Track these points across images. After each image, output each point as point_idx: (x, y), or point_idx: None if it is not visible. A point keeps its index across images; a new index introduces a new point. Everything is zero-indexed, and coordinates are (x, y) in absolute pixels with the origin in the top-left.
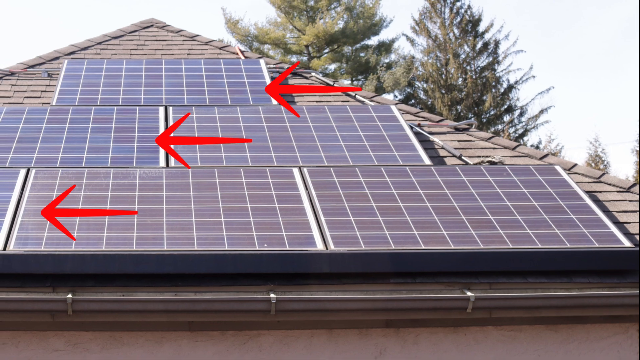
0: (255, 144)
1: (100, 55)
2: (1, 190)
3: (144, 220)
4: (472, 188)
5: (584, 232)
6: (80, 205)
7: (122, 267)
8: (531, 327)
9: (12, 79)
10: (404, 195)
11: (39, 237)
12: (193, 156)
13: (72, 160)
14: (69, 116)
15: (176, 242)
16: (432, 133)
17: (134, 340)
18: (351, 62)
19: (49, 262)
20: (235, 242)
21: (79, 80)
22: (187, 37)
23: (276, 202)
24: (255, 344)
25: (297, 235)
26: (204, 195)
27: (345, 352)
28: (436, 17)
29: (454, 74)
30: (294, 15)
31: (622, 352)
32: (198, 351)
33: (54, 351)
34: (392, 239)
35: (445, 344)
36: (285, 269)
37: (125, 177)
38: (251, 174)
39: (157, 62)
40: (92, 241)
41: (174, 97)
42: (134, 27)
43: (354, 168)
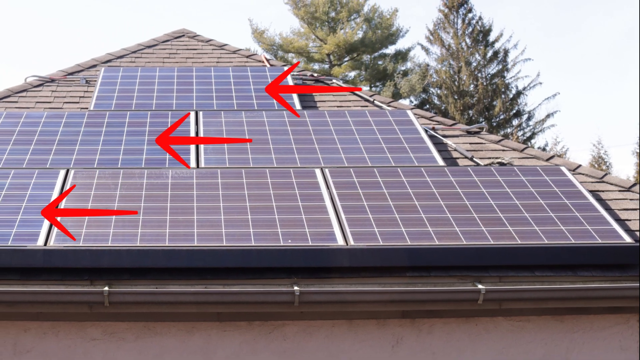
0: (279, 146)
1: (135, 63)
2: (42, 189)
3: (175, 217)
4: (483, 187)
5: (587, 229)
6: (116, 204)
7: (155, 261)
8: (538, 317)
9: (53, 86)
10: (419, 194)
11: (77, 234)
12: (222, 158)
13: (109, 161)
14: (105, 120)
15: (206, 238)
16: (446, 136)
17: (167, 330)
18: (370, 69)
19: (86, 257)
20: (261, 238)
21: (115, 87)
22: (216, 46)
23: (299, 201)
24: (280, 333)
25: (319, 232)
26: (232, 194)
27: (364, 341)
28: (449, 27)
29: (466, 80)
30: (316, 26)
31: (624, 341)
32: (226, 340)
33: (92, 340)
34: (408, 235)
35: (458, 334)
36: (308, 263)
37: (159, 177)
38: (276, 174)
39: (188, 70)
40: (127, 237)
41: (203, 103)
42: (167, 37)
43: (372, 169)
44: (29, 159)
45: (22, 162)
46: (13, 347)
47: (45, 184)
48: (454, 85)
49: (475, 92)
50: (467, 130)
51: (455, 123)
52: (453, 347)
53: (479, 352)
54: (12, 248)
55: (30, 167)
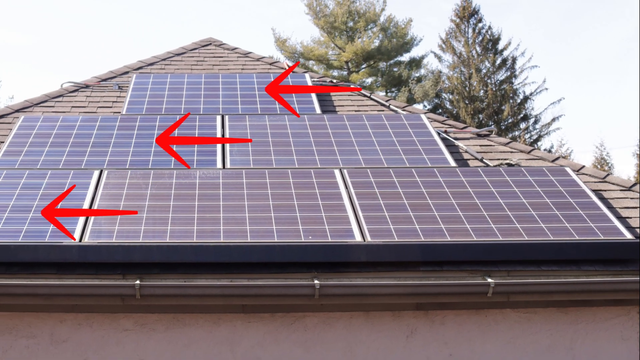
0: (300, 148)
1: (165, 70)
2: (77, 189)
3: (203, 215)
4: (492, 187)
5: (590, 226)
6: (147, 202)
7: (184, 256)
8: (544, 309)
9: (87, 91)
10: (432, 193)
11: (110, 230)
12: (246, 159)
13: (140, 162)
14: (137, 124)
15: (231, 234)
16: (457, 138)
17: (194, 321)
18: (385, 76)
19: (119, 252)
20: (283, 234)
21: (146, 92)
22: (241, 54)
23: (319, 199)
24: (301, 324)
25: (338, 229)
26: (256, 193)
27: (380, 332)
28: (460, 36)
29: (477, 86)
30: (335, 35)
31: (625, 332)
32: (251, 331)
33: (124, 331)
34: (422, 231)
35: (469, 325)
36: (327, 258)
37: (187, 178)
38: (297, 175)
39: (214, 76)
40: (158, 234)
41: (229, 107)
42: (194, 45)
43: (388, 169)
44: (65, 160)
45: (58, 163)
46: (50, 337)
47: (80, 183)
48: (465, 90)
49: (485, 97)
50: (477, 133)
51: (466, 126)
52: (464, 338)
53: (489, 342)
54: (49, 244)
55: (66, 168)
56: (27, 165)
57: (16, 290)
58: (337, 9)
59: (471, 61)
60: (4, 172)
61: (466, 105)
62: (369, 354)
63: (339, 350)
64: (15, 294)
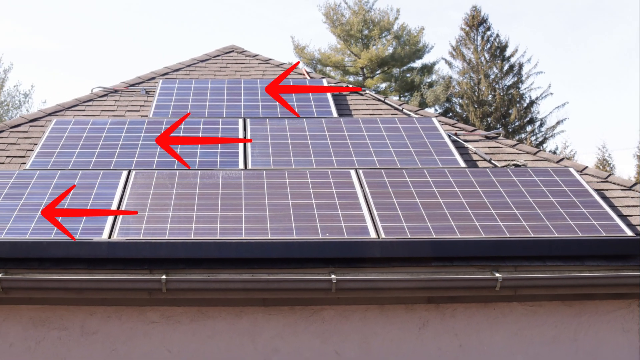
0: (318, 150)
1: (190, 75)
2: (107, 188)
3: (225, 213)
4: (500, 186)
5: (593, 224)
6: (173, 201)
7: (207, 252)
8: (549, 302)
9: (116, 96)
10: (443, 192)
11: (138, 228)
12: (267, 160)
13: (166, 163)
14: (163, 127)
15: (253, 231)
16: (467, 141)
17: (217, 313)
18: (399, 81)
19: (146, 249)
20: (302, 231)
21: (172, 97)
22: (262, 60)
23: (336, 199)
24: (319, 317)
25: (354, 226)
26: (276, 192)
27: (394, 324)
28: (470, 44)
29: (485, 91)
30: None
31: (626, 324)
32: (271, 323)
33: (151, 323)
34: (433, 229)
35: (478, 317)
36: (344, 254)
37: (210, 178)
38: (315, 175)
39: (236, 82)
40: (183, 231)
41: (251, 111)
42: (218, 52)
43: (401, 170)
44: (95, 161)
45: (88, 164)
46: (81, 329)
47: (109, 183)
48: (474, 95)
49: (493, 101)
50: (486, 135)
51: (475, 129)
52: (473, 329)
53: (497, 333)
54: (80, 241)
55: (96, 169)
56: (59, 166)
57: (49, 284)
58: (353, 18)
59: (480, 67)
60: (37, 172)
61: (475, 109)
62: (383, 344)
63: (354, 342)
64: (48, 288)
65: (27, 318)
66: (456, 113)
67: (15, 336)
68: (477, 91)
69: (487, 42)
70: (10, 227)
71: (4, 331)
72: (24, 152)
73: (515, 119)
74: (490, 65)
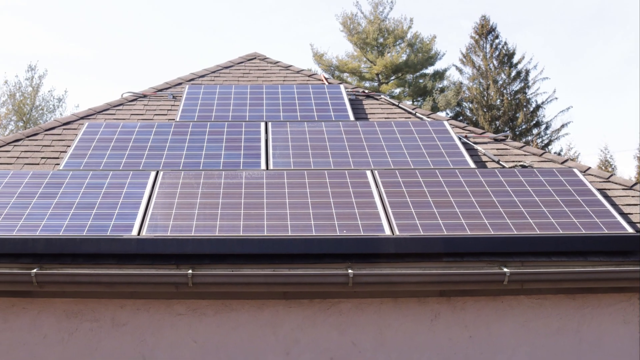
0: (336, 151)
1: (214, 81)
2: (136, 188)
3: (248, 211)
4: (508, 186)
5: (596, 221)
6: (198, 200)
7: (231, 248)
8: (554, 296)
9: (145, 100)
10: (454, 191)
11: (165, 225)
12: (287, 161)
13: (192, 164)
14: (189, 129)
15: (274, 229)
16: (476, 143)
17: (241, 306)
18: (412, 86)
19: (173, 245)
20: (320, 229)
21: (198, 101)
22: (283, 67)
23: (353, 197)
24: (337, 309)
25: (370, 224)
26: (296, 192)
27: (407, 316)
28: (479, 51)
29: (494, 96)
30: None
31: (626, 316)
32: (291, 315)
33: (178, 315)
34: (445, 226)
35: (487, 310)
36: (360, 250)
37: (234, 178)
38: (333, 175)
39: (258, 87)
40: (208, 228)
41: (272, 115)
42: (241, 59)
43: (414, 170)
44: (125, 162)
45: (119, 165)
46: (111, 321)
47: (138, 183)
48: (483, 100)
49: (501, 106)
50: (494, 138)
51: (484, 132)
52: (482, 321)
53: (505, 325)
54: (111, 237)
55: (125, 169)
56: (91, 167)
57: (81, 278)
58: (369, 26)
59: (489, 73)
60: (70, 172)
61: (484, 113)
62: (397, 335)
63: (370, 333)
64: (81, 282)
65: (60, 310)
66: (466, 117)
67: (49, 328)
68: (486, 96)
69: (495, 49)
70: (45, 224)
71: (38, 323)
72: (57, 154)
73: (522, 123)
74: (498, 72)
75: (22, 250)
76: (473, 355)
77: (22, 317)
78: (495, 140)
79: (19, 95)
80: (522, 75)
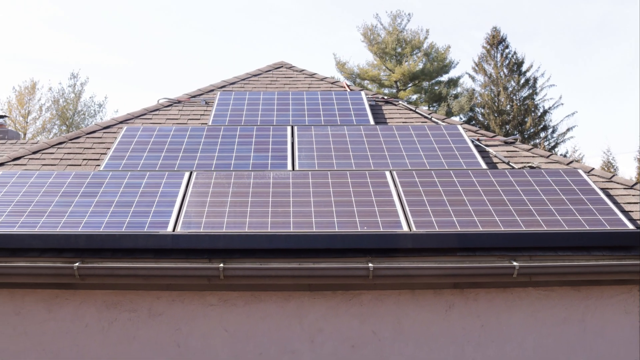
0: (357, 153)
1: (244, 88)
2: (171, 187)
3: (275, 209)
4: (517, 186)
5: (599, 218)
6: (229, 198)
7: (260, 244)
8: (560, 287)
9: (179, 106)
10: (467, 190)
11: (198, 222)
12: (312, 163)
13: (223, 165)
14: (221, 133)
15: (299, 225)
16: (488, 145)
17: (269, 297)
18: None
19: (206, 241)
20: (343, 225)
21: (228, 107)
22: (308, 74)
23: (373, 196)
24: (358, 300)
25: (389, 221)
26: (320, 191)
27: (423, 307)
28: (490, 60)
29: (504, 102)
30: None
31: (627, 306)
32: (316, 306)
33: (210, 306)
34: (458, 223)
35: (497, 300)
36: (379, 245)
37: (262, 178)
38: (355, 176)
39: (285, 94)
40: (238, 225)
41: (298, 119)
42: (269, 68)
43: (430, 171)
44: (161, 163)
45: (155, 166)
46: (148, 311)
47: (173, 183)
48: (494, 105)
49: (511, 111)
50: (504, 141)
51: (495, 135)
52: (493, 311)
53: (514, 315)
54: (148, 233)
55: (161, 170)
56: (129, 168)
57: (120, 272)
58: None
59: (499, 81)
60: (110, 173)
61: (495, 118)
62: (414, 324)
63: (389, 322)
64: (119, 275)
65: (101, 302)
66: (478, 121)
67: (90, 317)
68: (496, 102)
69: (505, 58)
70: (86, 221)
71: (80, 313)
72: (98, 156)
73: (531, 127)
74: (508, 79)
75: (65, 245)
76: (485, 343)
77: (65, 307)
78: (505, 143)
79: (62, 101)
80: (530, 82)
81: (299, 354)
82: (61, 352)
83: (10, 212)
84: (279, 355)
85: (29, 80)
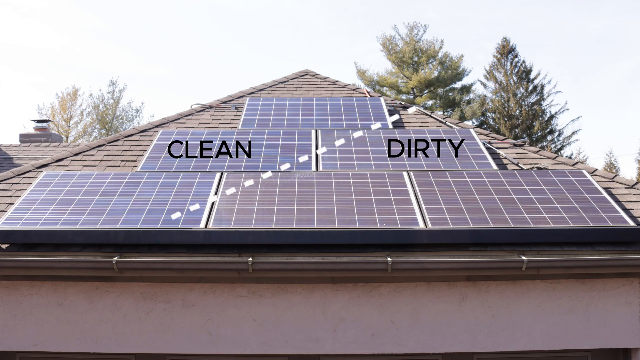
0: (376, 155)
1: (271, 94)
2: (204, 187)
3: (301, 207)
4: (526, 185)
5: (602, 216)
6: (258, 197)
7: (286, 239)
8: (566, 280)
9: (211, 111)
10: (479, 190)
11: (229, 219)
12: (334, 164)
13: (252, 166)
14: (250, 136)
15: (323, 222)
16: (498, 148)
17: (294, 289)
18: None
19: (236, 236)
20: (363, 222)
21: (257, 112)
22: (331, 82)
23: (391, 195)
24: (377, 292)
25: (406, 218)
26: (342, 190)
27: (438, 298)
28: (501, 68)
29: (513, 107)
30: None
31: (629, 298)
32: (338, 297)
33: (239, 297)
34: (471, 220)
35: (507, 292)
36: (397, 241)
37: (288, 178)
38: (374, 176)
39: (310, 99)
40: (266, 222)
41: (321, 123)
42: (294, 75)
43: (444, 172)
44: (194, 164)
45: (188, 167)
46: (182, 302)
47: (205, 182)
48: (504, 110)
49: (520, 116)
50: (514, 143)
51: (505, 138)
52: (504, 302)
53: (523, 305)
54: (182, 230)
55: (194, 171)
56: (165, 169)
57: (156, 265)
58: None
59: (509, 88)
60: (146, 173)
61: (505, 122)
62: (430, 314)
63: (406, 312)
64: (155, 268)
65: (138, 293)
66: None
67: (128, 308)
68: (506, 107)
69: (515, 67)
70: (124, 218)
71: (119, 304)
72: (135, 157)
73: (538, 130)
74: (517, 86)
75: (104, 240)
76: (496, 331)
77: (104, 298)
78: (515, 145)
79: (102, 107)
80: (538, 89)
81: (323, 341)
82: (101, 340)
83: (54, 210)
84: (303, 342)
85: (71, 87)
